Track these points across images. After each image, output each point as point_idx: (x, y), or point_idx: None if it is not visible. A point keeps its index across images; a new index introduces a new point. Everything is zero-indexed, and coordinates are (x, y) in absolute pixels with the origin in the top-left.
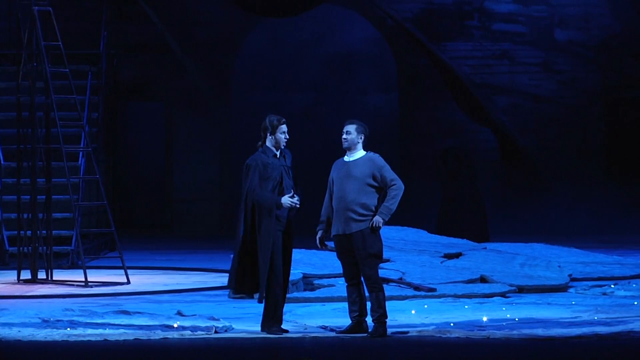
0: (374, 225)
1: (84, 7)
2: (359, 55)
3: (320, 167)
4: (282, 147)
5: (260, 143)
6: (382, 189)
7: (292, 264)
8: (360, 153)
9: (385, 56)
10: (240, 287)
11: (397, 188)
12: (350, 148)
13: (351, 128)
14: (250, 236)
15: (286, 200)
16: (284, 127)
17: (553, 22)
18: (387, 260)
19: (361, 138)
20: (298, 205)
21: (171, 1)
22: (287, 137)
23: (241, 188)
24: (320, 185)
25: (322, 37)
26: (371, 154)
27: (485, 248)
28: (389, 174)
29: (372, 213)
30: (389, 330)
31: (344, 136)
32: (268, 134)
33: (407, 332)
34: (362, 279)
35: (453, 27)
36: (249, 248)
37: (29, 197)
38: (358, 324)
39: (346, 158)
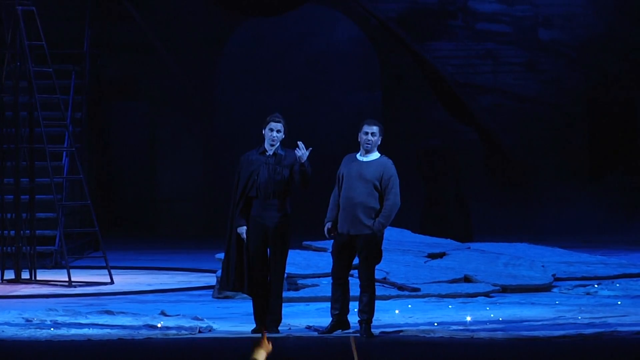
0: (376, 232)
1: (67, 6)
2: (342, 54)
3: None
4: (276, 145)
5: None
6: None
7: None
8: (375, 155)
9: (369, 56)
10: (224, 283)
11: (391, 204)
12: (370, 150)
13: (375, 129)
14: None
15: (242, 231)
16: (272, 125)
17: (537, 22)
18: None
19: (380, 140)
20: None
21: (155, 1)
22: (275, 135)
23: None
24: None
25: (306, 36)
26: (385, 158)
27: (469, 248)
28: (393, 186)
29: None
30: (373, 331)
31: (368, 137)
32: (263, 131)
33: (391, 332)
34: (348, 279)
35: (437, 27)
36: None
37: (12, 196)
38: (339, 322)
39: (360, 157)
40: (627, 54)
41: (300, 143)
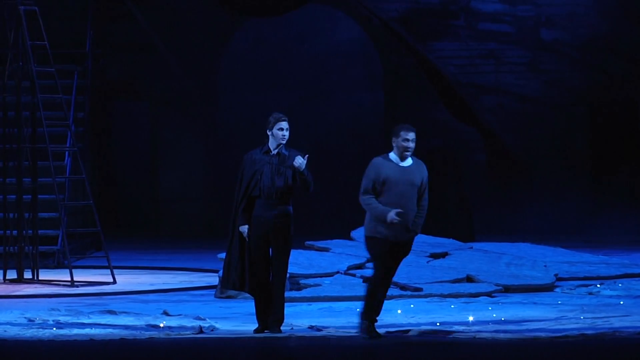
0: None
1: (70, 6)
2: (344, 54)
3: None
4: (282, 143)
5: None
6: None
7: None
8: (409, 159)
9: (371, 56)
10: (226, 282)
11: (426, 206)
12: (409, 156)
13: (414, 135)
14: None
15: (244, 230)
16: (281, 124)
17: (539, 22)
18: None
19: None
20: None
21: (157, 1)
22: (285, 134)
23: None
24: None
25: (308, 36)
26: (419, 160)
27: (472, 248)
28: (426, 187)
29: None
30: (380, 331)
31: (409, 144)
32: (268, 131)
33: (395, 332)
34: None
35: (439, 27)
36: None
37: (14, 196)
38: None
39: (400, 162)
40: (630, 55)
41: (297, 157)
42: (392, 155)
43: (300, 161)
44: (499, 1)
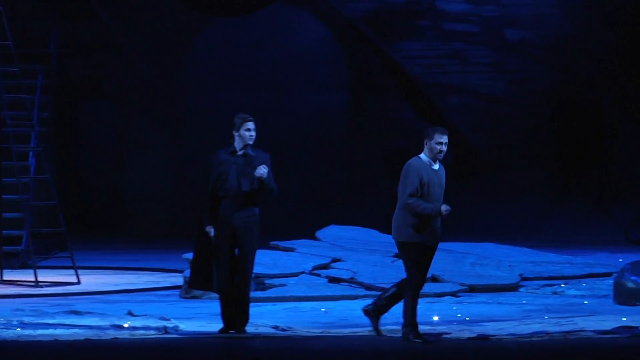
0: None
1: (34, 6)
2: (310, 54)
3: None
4: (250, 144)
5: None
6: None
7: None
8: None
9: (336, 56)
10: (192, 282)
11: None
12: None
13: (447, 139)
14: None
15: (210, 230)
16: (248, 125)
17: (504, 22)
18: (339, 260)
19: None
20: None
21: (122, 0)
22: (253, 135)
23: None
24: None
25: (273, 36)
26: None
27: None
28: None
29: None
30: (342, 330)
31: (442, 147)
32: (234, 131)
33: (358, 332)
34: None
35: (404, 27)
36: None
37: None
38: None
39: (433, 165)
40: (594, 55)
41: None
42: (424, 157)
43: (261, 171)
44: (464, 1)
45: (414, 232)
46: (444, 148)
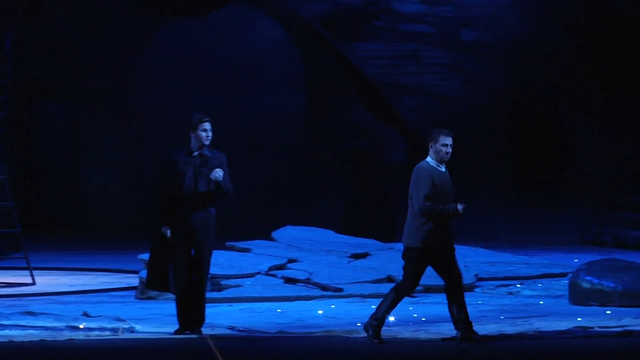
0: None
1: None
2: (266, 54)
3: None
4: (206, 144)
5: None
6: None
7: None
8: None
9: (293, 56)
10: (149, 283)
11: None
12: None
13: (452, 140)
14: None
15: (166, 231)
16: (204, 125)
17: (460, 23)
18: (295, 261)
19: None
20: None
21: (78, 0)
22: (209, 135)
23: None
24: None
25: (230, 36)
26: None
27: (392, 248)
28: None
29: None
30: (296, 331)
31: (448, 149)
32: (190, 132)
33: (314, 333)
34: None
35: (360, 28)
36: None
37: None
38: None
39: (439, 167)
40: (550, 55)
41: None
42: (431, 161)
43: (217, 174)
44: (420, 2)
45: (427, 236)
46: (450, 149)
